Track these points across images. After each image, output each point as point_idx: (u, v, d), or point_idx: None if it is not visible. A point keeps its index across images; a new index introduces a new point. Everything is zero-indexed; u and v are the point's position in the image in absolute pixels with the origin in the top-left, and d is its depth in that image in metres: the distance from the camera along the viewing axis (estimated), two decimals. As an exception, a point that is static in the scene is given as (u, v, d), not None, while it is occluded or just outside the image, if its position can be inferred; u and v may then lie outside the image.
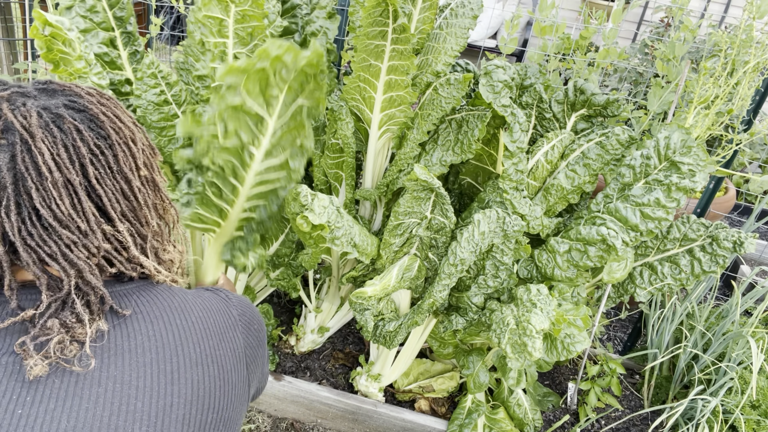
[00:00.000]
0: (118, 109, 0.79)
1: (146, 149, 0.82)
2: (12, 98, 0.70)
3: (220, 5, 1.39)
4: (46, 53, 1.29)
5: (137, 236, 0.79)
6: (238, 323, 0.87)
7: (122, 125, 0.77)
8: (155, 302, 0.79)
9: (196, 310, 0.82)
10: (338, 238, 1.46)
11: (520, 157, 1.66)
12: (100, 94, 0.78)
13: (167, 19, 3.83)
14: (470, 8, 1.76)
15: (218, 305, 0.86)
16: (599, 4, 5.28)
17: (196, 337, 0.78)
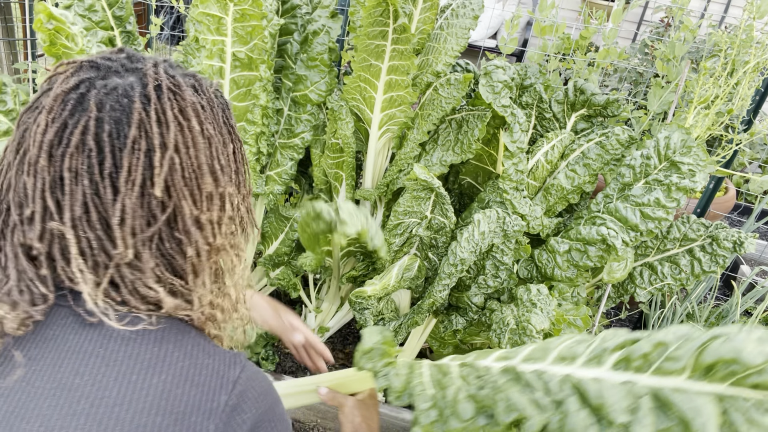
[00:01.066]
0: (179, 113, 0.67)
1: (190, 172, 0.68)
2: (83, 66, 0.68)
3: (219, 3, 1.39)
4: (48, 47, 1.29)
5: (95, 253, 0.65)
6: (222, 413, 0.65)
7: (160, 132, 0.65)
8: (116, 348, 0.64)
9: (169, 372, 0.65)
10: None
11: (520, 157, 1.66)
12: (177, 91, 0.68)
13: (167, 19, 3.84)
14: (471, 8, 1.76)
15: (207, 379, 0.67)
16: (599, 4, 5.28)
17: (141, 405, 0.62)
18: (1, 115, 1.55)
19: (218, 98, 0.74)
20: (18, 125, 0.67)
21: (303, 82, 1.75)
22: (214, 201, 0.71)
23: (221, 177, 0.71)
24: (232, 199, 0.74)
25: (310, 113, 1.78)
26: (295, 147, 1.81)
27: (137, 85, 0.65)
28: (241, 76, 1.55)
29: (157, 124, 0.64)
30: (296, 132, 1.80)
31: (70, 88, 0.63)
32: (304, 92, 1.76)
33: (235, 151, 0.75)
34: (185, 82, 0.69)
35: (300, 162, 1.90)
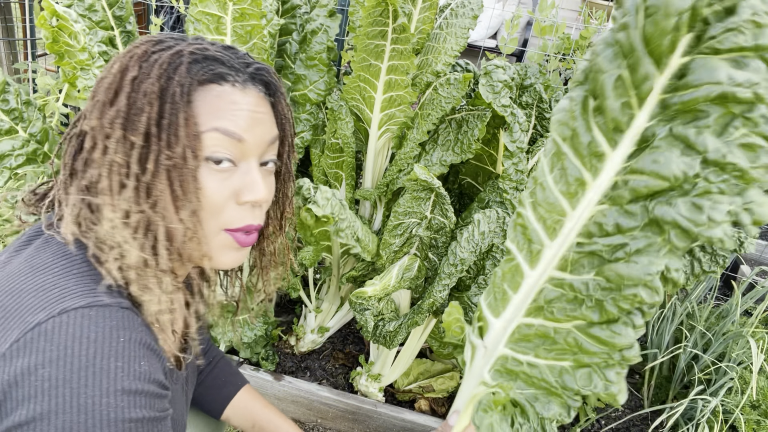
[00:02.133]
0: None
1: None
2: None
3: (218, 3, 1.39)
4: (51, 44, 1.30)
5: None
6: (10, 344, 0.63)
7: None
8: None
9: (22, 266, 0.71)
10: (342, 230, 1.46)
11: (520, 157, 1.66)
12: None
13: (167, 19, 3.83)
14: (470, 8, 1.76)
15: (31, 297, 0.66)
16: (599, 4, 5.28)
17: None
18: (3, 114, 1.56)
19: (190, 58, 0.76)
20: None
21: (302, 81, 1.75)
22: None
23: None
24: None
25: (310, 113, 1.78)
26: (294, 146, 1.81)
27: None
28: (241, 75, 1.55)
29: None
30: (296, 131, 1.80)
31: (146, 52, 0.75)
32: (303, 92, 1.76)
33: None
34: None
35: (300, 162, 1.91)
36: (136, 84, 0.71)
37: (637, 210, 0.70)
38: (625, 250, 0.72)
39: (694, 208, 0.65)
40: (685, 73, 0.64)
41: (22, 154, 1.56)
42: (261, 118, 0.78)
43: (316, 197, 1.39)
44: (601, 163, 0.73)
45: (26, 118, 1.59)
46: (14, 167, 1.53)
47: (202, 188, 0.73)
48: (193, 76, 0.72)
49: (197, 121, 0.72)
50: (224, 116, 0.74)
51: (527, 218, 0.84)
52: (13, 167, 1.53)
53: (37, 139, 1.61)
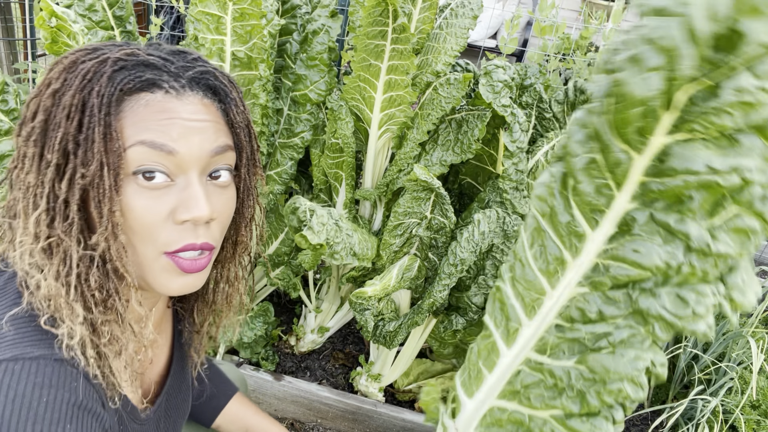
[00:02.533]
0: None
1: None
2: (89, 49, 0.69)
3: (218, 2, 1.39)
4: (50, 45, 1.30)
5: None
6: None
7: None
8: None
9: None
10: (337, 252, 1.46)
11: (520, 157, 1.66)
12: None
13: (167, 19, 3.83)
14: (470, 8, 1.76)
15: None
16: (599, 4, 5.28)
17: None
18: (2, 114, 1.56)
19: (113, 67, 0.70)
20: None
21: (302, 81, 1.75)
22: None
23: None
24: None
25: (310, 113, 1.78)
26: (294, 147, 1.81)
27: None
28: (241, 75, 1.55)
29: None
30: (296, 131, 1.80)
31: (69, 62, 0.69)
32: (303, 92, 1.76)
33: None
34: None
35: (300, 162, 1.90)
36: (57, 97, 0.65)
37: (620, 297, 0.68)
38: (608, 339, 0.69)
39: (679, 301, 0.63)
40: (665, 157, 0.61)
41: (22, 154, 1.56)
42: (201, 127, 0.70)
43: (312, 222, 1.36)
44: (581, 243, 0.70)
45: (26, 118, 1.59)
46: (14, 167, 1.53)
47: (129, 208, 0.66)
48: (116, 84, 0.65)
49: (122, 135, 0.65)
50: (152, 127, 0.66)
51: (506, 294, 0.81)
52: (14, 167, 1.53)
53: (37, 139, 1.61)
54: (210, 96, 0.74)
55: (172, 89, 0.69)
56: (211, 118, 0.72)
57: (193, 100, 0.70)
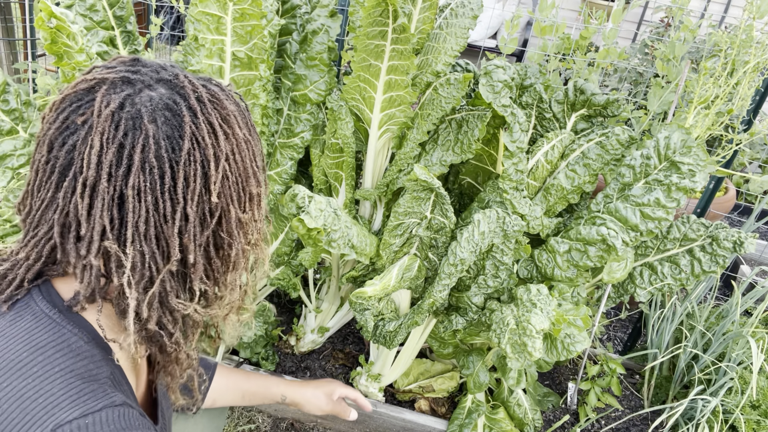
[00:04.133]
0: (222, 122, 0.70)
1: (234, 176, 0.71)
2: (116, 82, 0.67)
3: (218, 3, 1.39)
4: (50, 45, 1.29)
5: (144, 265, 0.67)
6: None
7: (210, 141, 0.68)
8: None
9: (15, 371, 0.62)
10: (335, 240, 1.46)
11: (520, 157, 1.66)
12: (214, 101, 0.71)
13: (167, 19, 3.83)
14: (470, 8, 1.76)
15: (34, 405, 0.61)
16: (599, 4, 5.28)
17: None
18: (4, 114, 1.56)
19: (242, 102, 0.76)
20: (46, 144, 0.66)
21: (302, 81, 1.75)
22: (254, 201, 0.75)
23: (261, 178, 0.76)
24: (263, 197, 0.77)
25: (310, 113, 1.78)
26: (294, 146, 1.81)
27: (179, 98, 0.68)
28: (241, 75, 1.55)
29: (207, 135, 0.68)
30: (296, 131, 1.80)
31: (116, 107, 0.64)
32: (303, 91, 1.76)
33: (261, 150, 0.77)
34: (218, 91, 0.72)
35: (300, 162, 1.90)
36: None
37: None
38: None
39: None
40: None
41: (24, 154, 1.56)
42: None
43: (310, 207, 1.37)
44: None
45: (26, 118, 1.59)
46: (16, 167, 1.53)
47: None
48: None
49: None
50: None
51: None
52: (15, 167, 1.53)
53: (38, 139, 1.61)
54: None
55: None
56: None
57: None
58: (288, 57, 1.80)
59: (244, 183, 0.73)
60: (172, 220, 0.66)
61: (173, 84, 0.69)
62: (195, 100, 0.68)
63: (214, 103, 0.71)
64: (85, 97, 0.66)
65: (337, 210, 1.47)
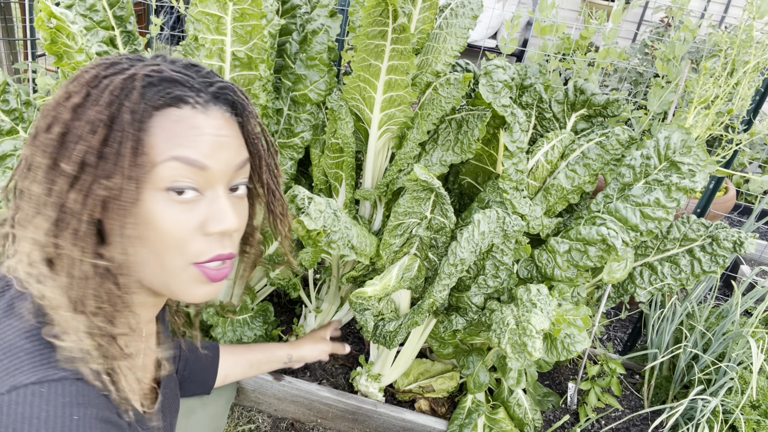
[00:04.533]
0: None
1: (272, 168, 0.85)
2: (119, 61, 0.72)
3: (218, 3, 1.39)
4: (50, 45, 1.29)
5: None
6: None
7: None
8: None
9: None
10: (334, 241, 1.46)
11: (520, 157, 1.66)
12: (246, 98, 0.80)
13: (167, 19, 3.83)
14: (470, 8, 1.76)
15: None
16: (599, 4, 5.28)
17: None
18: (4, 114, 1.56)
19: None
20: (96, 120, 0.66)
21: (302, 81, 1.75)
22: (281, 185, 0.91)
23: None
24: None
25: (310, 113, 1.79)
26: (294, 146, 1.81)
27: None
28: (241, 75, 1.55)
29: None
30: (296, 131, 1.80)
31: (90, 74, 0.70)
32: (303, 91, 1.76)
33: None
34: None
35: (300, 162, 1.90)
36: (79, 111, 0.65)
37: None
38: None
39: None
40: None
41: (23, 154, 1.57)
42: (227, 142, 0.72)
43: (310, 209, 1.37)
44: None
45: (26, 118, 1.59)
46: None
47: (159, 220, 0.67)
48: (148, 101, 0.66)
49: (153, 150, 0.66)
50: (184, 143, 0.67)
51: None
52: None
53: (38, 139, 1.61)
54: (230, 110, 0.76)
55: (198, 104, 0.70)
56: (232, 133, 0.75)
57: (216, 114, 0.72)
58: (288, 57, 1.80)
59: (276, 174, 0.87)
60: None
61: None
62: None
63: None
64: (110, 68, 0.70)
65: (337, 211, 1.47)
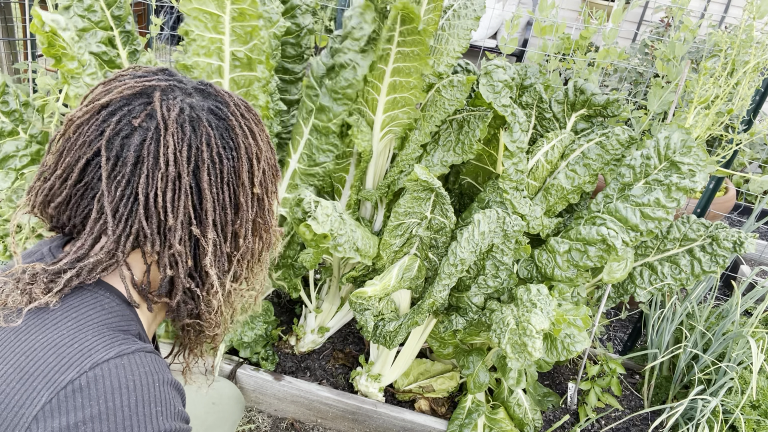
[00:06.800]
0: (256, 125, 0.82)
1: (268, 169, 0.83)
2: (167, 90, 0.75)
3: (216, 1, 1.38)
4: (47, 48, 1.30)
5: (218, 248, 0.78)
6: (63, 389, 0.62)
7: (252, 141, 0.80)
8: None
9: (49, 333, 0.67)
10: (341, 245, 1.45)
11: (520, 157, 1.66)
12: (246, 108, 0.82)
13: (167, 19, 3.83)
14: (473, 9, 1.76)
15: (72, 350, 0.65)
16: (599, 4, 5.28)
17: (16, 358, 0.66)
18: (4, 116, 1.56)
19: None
20: (92, 145, 0.72)
21: (326, 112, 1.64)
22: (277, 191, 0.87)
23: (279, 170, 0.87)
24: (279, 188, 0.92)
25: (332, 144, 1.71)
26: (316, 175, 1.75)
27: (221, 105, 0.78)
28: (241, 75, 1.55)
29: (250, 135, 0.79)
30: (318, 161, 1.72)
31: (178, 112, 0.73)
32: (326, 124, 1.67)
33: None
34: (242, 99, 0.84)
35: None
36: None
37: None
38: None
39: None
40: None
41: (27, 155, 1.57)
42: None
43: (317, 213, 1.37)
44: None
45: (26, 119, 1.59)
46: (19, 168, 1.53)
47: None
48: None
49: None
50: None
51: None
52: (18, 168, 1.53)
53: (38, 140, 1.61)
54: None
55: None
56: None
57: None
58: (287, 58, 1.79)
59: (273, 175, 0.85)
60: (229, 208, 0.77)
61: (207, 93, 0.79)
62: (234, 106, 0.79)
63: (248, 109, 0.82)
64: (134, 101, 0.73)
65: (343, 214, 1.47)
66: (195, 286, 0.78)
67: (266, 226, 0.85)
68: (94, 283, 0.73)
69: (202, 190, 0.74)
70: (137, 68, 0.80)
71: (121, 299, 0.75)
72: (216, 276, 0.78)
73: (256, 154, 0.80)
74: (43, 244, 0.79)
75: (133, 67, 0.81)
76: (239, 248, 0.81)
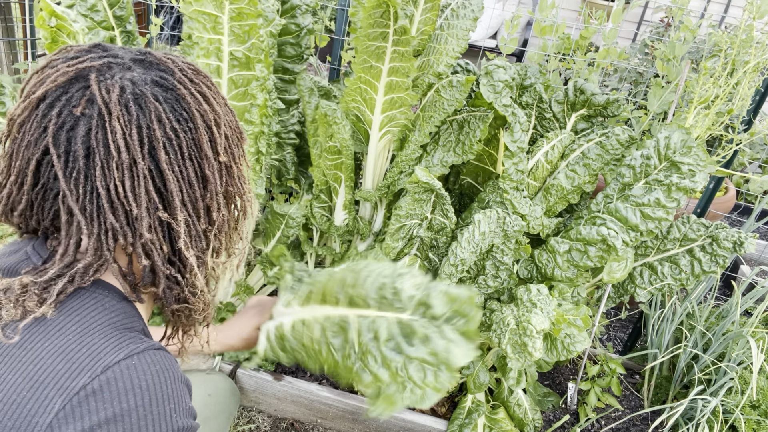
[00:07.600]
0: (208, 88, 0.75)
1: (231, 133, 0.77)
2: (102, 68, 0.68)
3: (215, 2, 1.38)
4: (50, 44, 1.30)
5: (192, 227, 0.73)
6: (75, 395, 0.62)
7: (208, 107, 0.73)
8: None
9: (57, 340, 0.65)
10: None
11: (521, 157, 1.66)
12: (194, 71, 0.75)
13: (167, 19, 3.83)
14: (471, 9, 1.76)
15: (81, 355, 0.65)
16: (599, 4, 5.28)
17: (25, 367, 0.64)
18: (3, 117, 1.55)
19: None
20: (40, 142, 0.67)
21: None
22: (244, 153, 0.82)
23: (244, 132, 0.82)
24: (246, 149, 0.84)
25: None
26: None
27: (165, 74, 0.71)
28: (240, 75, 1.55)
29: (204, 102, 0.73)
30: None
31: (119, 92, 0.67)
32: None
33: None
34: (189, 62, 0.77)
35: (300, 162, 1.90)
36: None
37: None
38: None
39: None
40: None
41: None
42: None
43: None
44: None
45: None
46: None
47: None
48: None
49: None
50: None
51: None
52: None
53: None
54: None
55: None
56: None
57: None
58: (286, 58, 1.80)
59: (238, 139, 0.79)
60: (196, 183, 0.72)
61: (148, 63, 0.72)
62: (180, 72, 0.72)
63: (197, 74, 0.75)
64: (70, 88, 0.67)
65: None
66: (176, 272, 0.74)
67: (240, 192, 0.80)
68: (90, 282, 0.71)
69: (163, 171, 0.69)
70: (69, 49, 0.72)
71: (120, 296, 0.73)
72: (195, 256, 0.75)
73: (215, 120, 0.74)
74: (23, 243, 0.75)
75: (64, 48, 0.72)
76: (214, 222, 0.77)
